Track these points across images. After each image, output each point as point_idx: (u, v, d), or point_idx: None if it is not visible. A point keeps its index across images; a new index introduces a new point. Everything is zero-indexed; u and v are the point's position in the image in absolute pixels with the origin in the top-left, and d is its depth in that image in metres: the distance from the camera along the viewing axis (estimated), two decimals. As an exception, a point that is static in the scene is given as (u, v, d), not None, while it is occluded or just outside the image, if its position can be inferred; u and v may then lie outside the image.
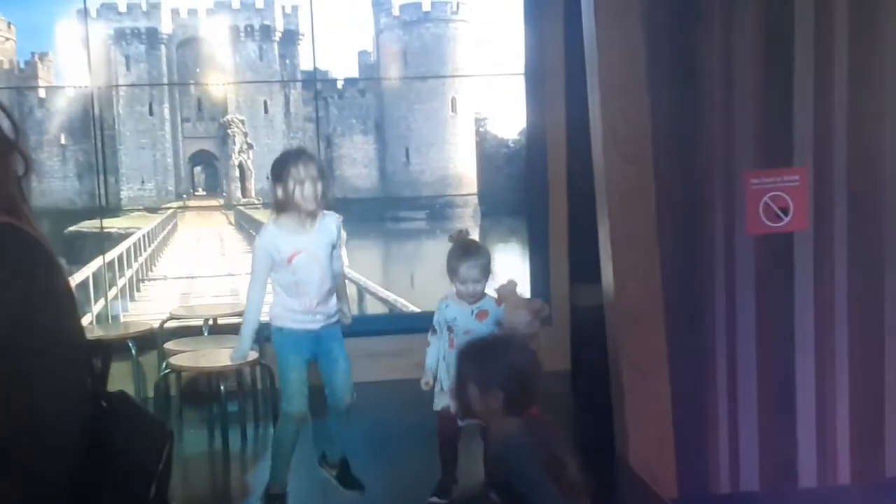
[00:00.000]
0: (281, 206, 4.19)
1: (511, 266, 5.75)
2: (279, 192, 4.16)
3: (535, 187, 7.45)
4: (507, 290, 4.29)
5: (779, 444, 5.09)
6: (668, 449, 4.91)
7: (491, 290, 4.39)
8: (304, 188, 4.13)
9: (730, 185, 5.03)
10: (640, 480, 4.79)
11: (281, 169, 4.17)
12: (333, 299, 4.41)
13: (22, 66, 13.85)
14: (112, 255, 15.80)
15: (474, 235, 4.68)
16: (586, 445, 5.62)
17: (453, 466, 4.52)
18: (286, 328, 4.31)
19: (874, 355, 5.12)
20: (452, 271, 4.34)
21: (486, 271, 4.33)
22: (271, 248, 4.19)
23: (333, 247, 4.36)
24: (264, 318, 4.45)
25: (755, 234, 5.00)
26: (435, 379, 4.42)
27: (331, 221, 4.36)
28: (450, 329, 4.35)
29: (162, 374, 5.67)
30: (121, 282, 18.42)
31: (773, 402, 5.07)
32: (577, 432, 6.00)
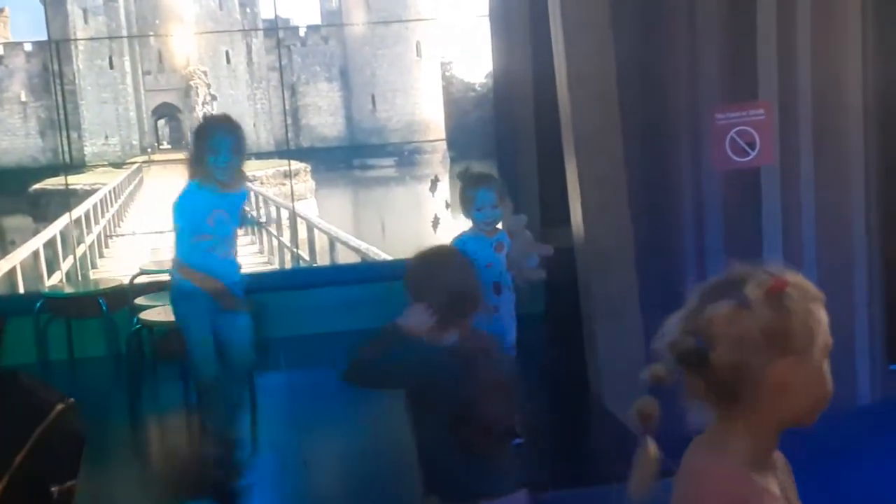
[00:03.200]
0: (200, 173, 4.24)
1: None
2: (205, 159, 4.20)
3: (504, 131, 7.43)
4: (518, 225, 4.29)
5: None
6: (641, 387, 4.94)
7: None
8: (220, 159, 4.19)
9: (696, 121, 5.03)
10: (615, 418, 4.84)
11: (206, 136, 4.23)
12: (234, 268, 4.43)
13: (-23, 22, 13.64)
14: (78, 211, 15.71)
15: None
16: (562, 386, 5.69)
17: None
18: (188, 289, 4.29)
19: (842, 284, 5.17)
20: (468, 202, 4.31)
21: (500, 195, 4.32)
22: (196, 205, 4.25)
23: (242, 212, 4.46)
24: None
25: (722, 169, 5.01)
26: None
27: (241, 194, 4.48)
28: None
29: (133, 329, 5.65)
30: (89, 238, 18.30)
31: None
32: (552, 374, 6.06)
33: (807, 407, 1.59)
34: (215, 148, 4.17)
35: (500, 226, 4.39)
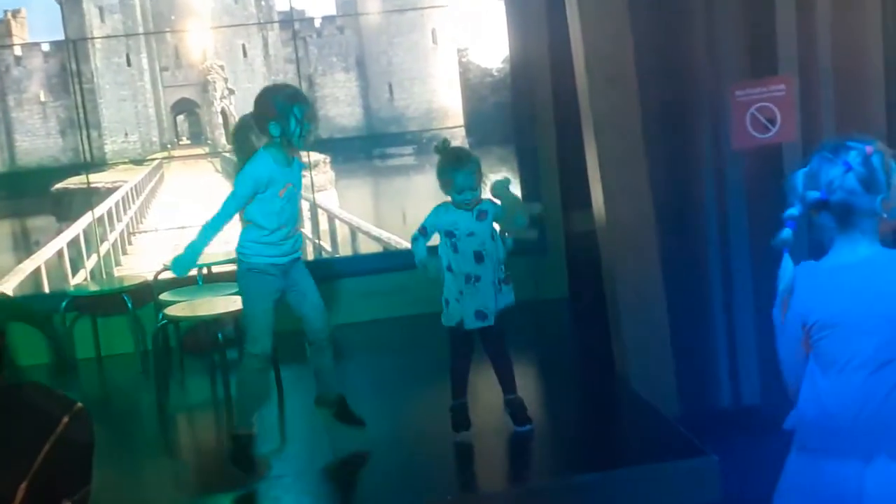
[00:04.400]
0: (276, 142, 4.22)
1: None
2: (277, 128, 4.16)
3: (522, 115, 7.40)
4: (502, 188, 4.30)
5: (776, 357, 5.10)
6: (667, 367, 4.93)
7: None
8: (303, 128, 4.20)
9: (715, 99, 4.99)
10: (642, 400, 4.83)
11: (283, 106, 4.18)
12: (299, 238, 4.50)
13: (-6, 24, 13.69)
14: (101, 210, 15.75)
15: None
16: (587, 368, 5.68)
17: (464, 386, 4.54)
18: (256, 265, 4.31)
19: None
20: (447, 183, 4.35)
21: (479, 174, 4.35)
22: (265, 178, 4.19)
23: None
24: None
25: (743, 146, 4.97)
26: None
27: (302, 165, 4.54)
28: (449, 234, 4.34)
29: (159, 325, 5.67)
30: (112, 236, 18.39)
31: (770, 316, 5.08)
32: (578, 356, 6.05)
33: None
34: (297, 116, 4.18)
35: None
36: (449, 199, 4.39)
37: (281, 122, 4.17)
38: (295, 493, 4.30)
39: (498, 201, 4.35)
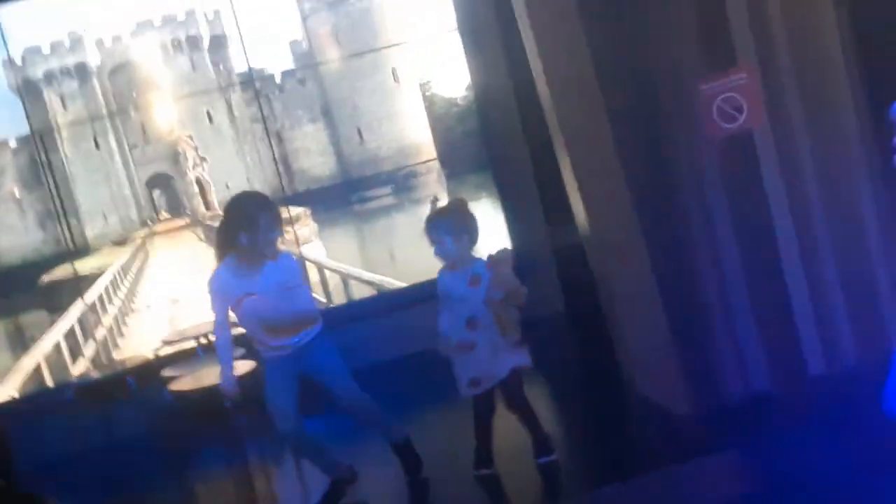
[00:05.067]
0: (239, 250, 4.20)
1: (485, 221, 5.76)
2: (243, 238, 4.14)
3: (493, 139, 7.45)
4: (498, 259, 4.23)
5: (780, 338, 5.12)
6: (673, 367, 4.94)
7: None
8: (270, 236, 4.18)
9: (680, 95, 5.03)
10: (652, 403, 4.83)
11: (249, 215, 4.17)
12: (309, 326, 4.42)
13: (-41, 128, 13.73)
14: (91, 296, 15.73)
15: (443, 199, 4.68)
16: (594, 381, 5.69)
17: (489, 454, 4.51)
18: (265, 357, 4.37)
19: (855, 234, 5.15)
20: (427, 237, 4.32)
21: (452, 229, 4.26)
22: (222, 292, 4.24)
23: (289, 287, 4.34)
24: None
25: (715, 138, 5.01)
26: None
27: (288, 262, 4.42)
28: (447, 297, 4.32)
29: (167, 401, 5.66)
30: (106, 320, 18.33)
31: (767, 298, 5.10)
32: (582, 370, 6.05)
33: None
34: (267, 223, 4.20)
35: (484, 256, 4.33)
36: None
37: (248, 231, 4.15)
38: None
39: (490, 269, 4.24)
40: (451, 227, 4.26)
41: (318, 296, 12.09)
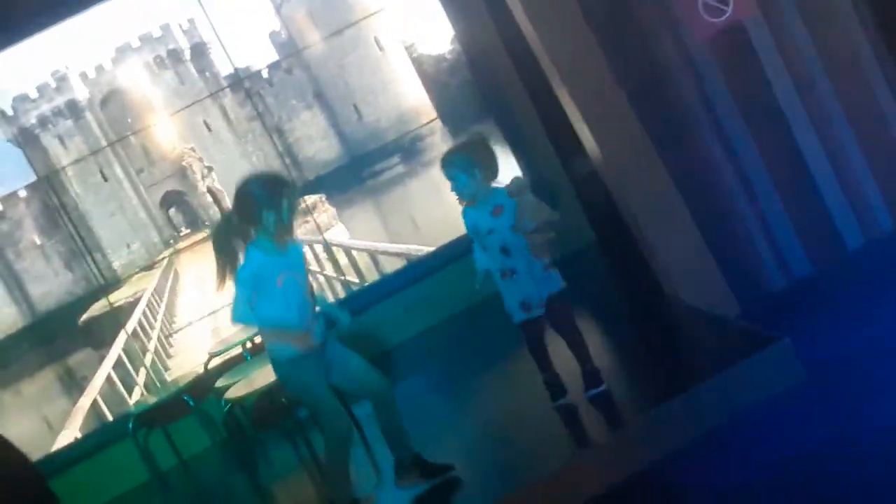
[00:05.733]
0: (266, 232, 4.14)
1: (500, 168, 5.76)
2: (268, 217, 4.11)
3: (490, 88, 7.39)
4: (515, 190, 4.26)
5: (813, 219, 5.10)
6: (713, 272, 4.93)
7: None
8: (293, 215, 4.15)
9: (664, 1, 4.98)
10: (699, 310, 4.83)
11: (273, 195, 4.12)
12: (321, 318, 4.33)
13: (-35, 189, 13.87)
14: (131, 325, 15.90)
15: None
16: (637, 301, 5.69)
17: (547, 360, 4.52)
18: (289, 356, 4.26)
19: (867, 102, 5.11)
20: (445, 176, 4.35)
21: (464, 165, 4.27)
22: (260, 273, 4.12)
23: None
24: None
25: (707, 36, 4.96)
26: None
27: (298, 246, 4.34)
28: (476, 235, 4.34)
29: (225, 411, 5.71)
30: (151, 345, 18.52)
31: (791, 182, 5.08)
32: (624, 294, 6.05)
33: None
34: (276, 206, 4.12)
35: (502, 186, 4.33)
36: None
37: (274, 209, 4.10)
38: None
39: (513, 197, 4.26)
40: (463, 163, 4.28)
41: (351, 277, 12.15)
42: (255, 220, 4.13)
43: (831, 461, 3.35)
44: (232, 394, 5.58)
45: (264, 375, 5.51)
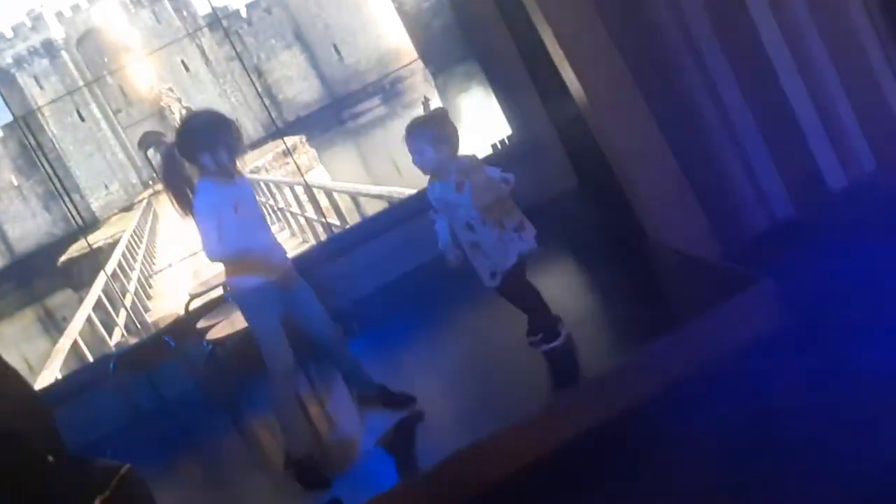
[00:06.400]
0: (207, 171, 4.13)
1: (480, 108, 5.68)
2: (206, 159, 4.09)
3: (473, 30, 7.32)
4: (467, 170, 4.24)
5: (796, 160, 5.10)
6: (695, 214, 4.93)
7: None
8: (233, 156, 4.13)
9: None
10: (681, 254, 4.83)
11: (209, 137, 4.10)
12: (281, 248, 4.38)
13: (-59, 129, 13.71)
14: (111, 266, 15.85)
15: (433, 97, 4.62)
16: (620, 244, 5.69)
17: (543, 304, 4.53)
18: (248, 285, 4.25)
19: (852, 46, 5.08)
20: (408, 148, 4.33)
21: (434, 138, 4.26)
22: (218, 203, 4.12)
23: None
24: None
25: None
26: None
27: (246, 180, 4.36)
28: (444, 208, 4.33)
29: (207, 352, 5.71)
30: (131, 286, 18.47)
31: (775, 125, 5.06)
32: (606, 237, 6.05)
33: None
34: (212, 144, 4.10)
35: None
36: None
37: (210, 151, 4.08)
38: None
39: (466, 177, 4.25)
40: (433, 136, 4.25)
41: (332, 219, 12.11)
42: (194, 160, 4.13)
43: (807, 408, 3.37)
44: (213, 334, 5.58)
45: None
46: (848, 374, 3.45)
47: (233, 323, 5.58)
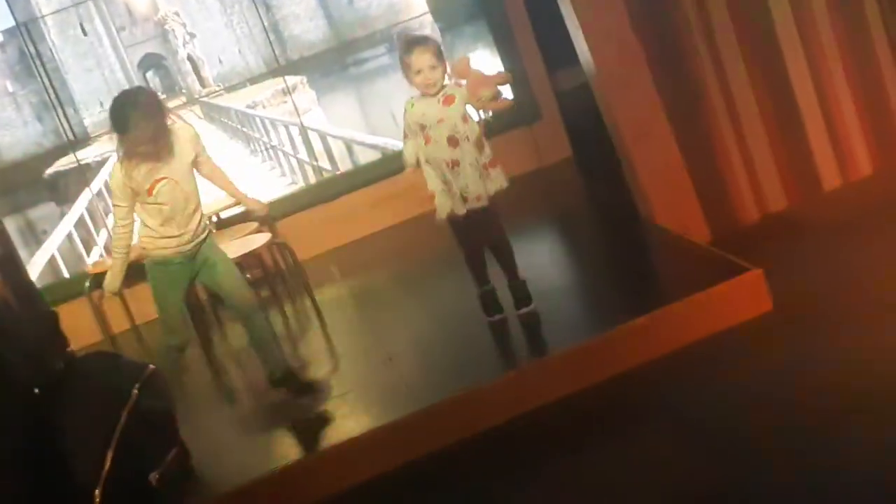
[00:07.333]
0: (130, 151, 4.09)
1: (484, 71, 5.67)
2: (120, 142, 4.07)
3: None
4: (463, 66, 4.21)
5: (794, 155, 5.08)
6: (689, 197, 4.91)
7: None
8: (147, 139, 4.04)
9: None
10: (672, 235, 4.82)
11: (120, 120, 4.04)
12: (199, 215, 4.30)
13: (-59, 26, 13.50)
14: (97, 184, 15.71)
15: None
16: (610, 220, 5.68)
17: (484, 272, 4.54)
18: (158, 257, 4.27)
19: (863, 43, 5.05)
20: (406, 67, 4.27)
21: (438, 56, 4.24)
22: (129, 182, 4.12)
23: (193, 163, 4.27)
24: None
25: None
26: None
27: (184, 139, 4.24)
28: (421, 126, 4.29)
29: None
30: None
31: (777, 117, 5.04)
32: (598, 211, 6.04)
33: None
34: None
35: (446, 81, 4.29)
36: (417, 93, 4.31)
37: (120, 131, 4.06)
38: (363, 404, 4.33)
39: (463, 81, 4.22)
40: (437, 54, 4.24)
41: (324, 164, 12.04)
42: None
43: (789, 395, 3.37)
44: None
45: (227, 250, 5.48)
46: (826, 364, 3.47)
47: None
